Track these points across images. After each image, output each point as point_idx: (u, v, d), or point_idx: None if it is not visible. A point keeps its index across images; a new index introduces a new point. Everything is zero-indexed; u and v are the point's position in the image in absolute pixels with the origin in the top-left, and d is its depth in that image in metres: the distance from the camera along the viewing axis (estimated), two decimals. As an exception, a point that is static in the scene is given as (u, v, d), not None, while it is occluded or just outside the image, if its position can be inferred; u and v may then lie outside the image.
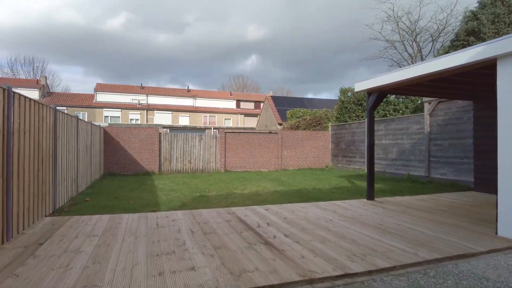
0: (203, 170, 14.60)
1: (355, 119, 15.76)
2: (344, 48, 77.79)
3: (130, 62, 78.71)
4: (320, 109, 26.09)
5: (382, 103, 14.09)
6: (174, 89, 47.43)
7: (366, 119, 14.24)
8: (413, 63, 28.93)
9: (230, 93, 50.25)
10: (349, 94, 16.28)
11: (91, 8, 71.51)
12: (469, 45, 21.97)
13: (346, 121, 16.29)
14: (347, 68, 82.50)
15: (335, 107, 18.16)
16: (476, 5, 15.69)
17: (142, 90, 44.47)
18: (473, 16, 15.56)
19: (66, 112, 9.10)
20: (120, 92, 42.59)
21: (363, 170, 14.26)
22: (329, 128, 17.06)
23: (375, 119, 14.13)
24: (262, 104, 48.44)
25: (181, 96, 44.95)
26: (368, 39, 31.83)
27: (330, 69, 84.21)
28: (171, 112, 42.30)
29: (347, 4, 65.45)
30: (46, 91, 41.05)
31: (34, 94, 37.84)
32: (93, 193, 8.73)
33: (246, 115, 45.98)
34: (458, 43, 26.48)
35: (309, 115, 22.13)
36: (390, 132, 12.92)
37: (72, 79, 77.99)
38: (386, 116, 13.93)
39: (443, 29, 27.18)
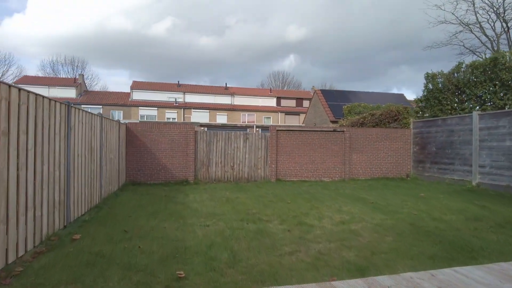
0: (249, 178, 11.38)
1: (452, 113, 11.72)
2: (387, 47, 75.02)
3: (172, 66, 79.35)
4: (382, 103, 22.01)
5: (500, 87, 10.01)
6: (212, 86, 45.13)
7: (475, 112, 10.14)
8: (494, 49, 23.89)
9: (270, 90, 46.99)
10: (440, 79, 12.25)
11: (138, 14, 73.83)
12: None
13: (436, 116, 12.29)
14: (389, 67, 77.88)
15: (415, 99, 14.15)
16: None
17: (179, 88, 42.54)
18: None
19: (101, 111, 6.25)
20: (157, 90, 40.91)
21: (469, 183, 10.27)
22: (411, 125, 13.14)
23: (488, 111, 10.09)
24: (304, 102, 44.77)
25: (218, 94, 42.46)
26: (436, 23, 27.08)
27: (370, 68, 79.83)
28: (208, 110, 39.91)
29: (391, 3, 62.36)
30: (83, 90, 40.33)
31: (71, 92, 37.09)
32: (95, 219, 5.75)
33: (287, 113, 42.49)
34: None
35: (379, 109, 18.20)
36: (522, 130, 8.86)
37: (115, 81, 79.58)
38: (506, 107, 9.83)
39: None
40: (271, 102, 43.99)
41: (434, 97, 12.29)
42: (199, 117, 38.92)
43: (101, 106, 35.99)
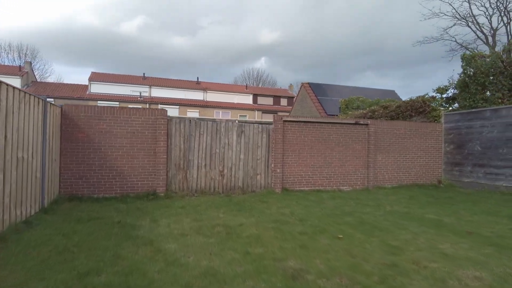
0: (245, 188, 8.10)
1: (504, 102, 9.15)
2: (356, 53, 75.52)
3: (142, 65, 74.01)
4: (382, 98, 19.57)
5: None
6: (182, 80, 41.01)
7: None
8: (490, 44, 22.33)
9: (246, 86, 43.73)
10: (484, 59, 9.67)
11: (109, 11, 68.48)
12: None
13: (478, 106, 9.71)
14: (356, 72, 78.48)
15: (439, 87, 11.59)
16: None
17: (145, 80, 38.12)
18: None
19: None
20: (119, 82, 36.24)
21: (540, 193, 7.70)
22: (442, 119, 10.49)
23: None
24: (282, 100, 42.10)
25: (189, 89, 38.52)
26: (430, 15, 25.33)
27: (339, 73, 79.58)
28: (178, 106, 35.89)
29: (361, 11, 62.67)
30: (31, 80, 34.81)
31: (15, 82, 31.60)
32: None
33: (265, 111, 39.43)
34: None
35: (378, 104, 15.58)
36: None
37: (80, 80, 72.79)
38: None
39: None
40: (247, 99, 40.76)
41: (476, 82, 9.68)
42: (168, 113, 34.84)
43: (52, 100, 30.92)
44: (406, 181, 9.81)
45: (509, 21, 20.97)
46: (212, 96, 39.11)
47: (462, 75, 10.19)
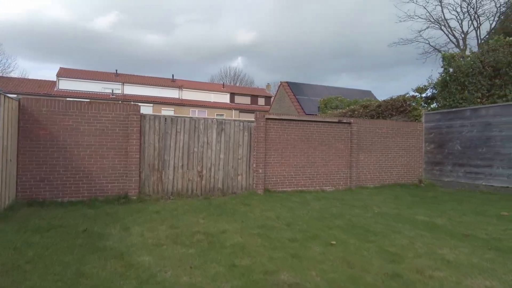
0: (225, 189, 7.62)
1: (483, 102, 9.22)
2: (331, 55, 77.10)
3: (115, 62, 71.32)
4: (360, 98, 19.66)
5: None
6: (156, 78, 39.72)
7: None
8: (460, 47, 23.06)
9: (223, 85, 43.04)
10: (464, 60, 9.72)
11: (79, 6, 65.45)
12: None
13: (458, 105, 9.75)
14: (331, 74, 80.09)
15: (418, 87, 11.62)
16: None
17: (117, 77, 36.60)
18: None
19: None
20: (90, 79, 34.57)
21: (519, 192, 7.76)
22: (422, 118, 10.48)
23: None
24: (259, 99, 41.85)
25: (164, 87, 37.37)
26: (405, 18, 25.86)
27: (314, 75, 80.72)
28: (152, 104, 34.70)
29: (337, 14, 63.97)
30: (-9, 75, 32.51)
31: (-27, 76, 29.33)
32: None
33: (242, 111, 38.98)
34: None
35: (356, 103, 15.57)
36: None
37: (47, 76, 68.82)
38: None
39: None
40: (224, 98, 40.14)
41: (458, 81, 9.70)
42: (141, 111, 33.62)
43: (15, 96, 28.91)
44: (388, 180, 9.70)
45: (478, 25, 21.71)
46: (188, 95, 38.18)
47: (442, 74, 10.21)
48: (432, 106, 11.63)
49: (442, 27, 23.49)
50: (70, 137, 6.43)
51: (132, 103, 7.26)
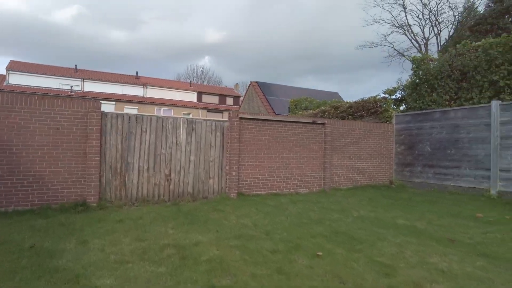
0: (195, 194, 7.11)
1: (451, 104, 9.43)
2: (298, 56, 78.49)
3: (75, 58, 67.28)
4: (328, 99, 19.80)
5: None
6: (119, 74, 37.86)
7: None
8: (422, 52, 24.07)
9: (190, 83, 41.95)
10: (433, 63, 9.92)
11: None
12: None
13: (427, 107, 9.92)
14: (298, 76, 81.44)
15: (388, 89, 11.76)
16: None
17: (76, 73, 34.42)
18: None
19: None
20: (46, 74, 32.19)
21: (485, 191, 7.97)
22: (393, 120, 10.58)
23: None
24: (228, 99, 41.32)
25: (127, 84, 35.70)
26: (371, 22, 26.54)
27: (282, 76, 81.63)
28: (114, 102, 33.00)
29: (305, 16, 65.15)
30: None
31: None
32: None
33: (210, 110, 38.22)
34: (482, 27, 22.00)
35: (325, 104, 15.61)
36: None
37: None
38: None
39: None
40: (192, 97, 39.15)
41: (426, 84, 9.88)
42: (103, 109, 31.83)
43: (-44, 89, 26.19)
44: (360, 182, 9.67)
45: (439, 32, 22.75)
46: (153, 92, 36.80)
47: (413, 77, 10.37)
48: (401, 108, 11.83)
49: (406, 32, 24.40)
50: (17, 137, 5.62)
51: (92, 99, 6.54)
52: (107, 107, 32.35)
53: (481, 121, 8.25)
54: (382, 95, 11.46)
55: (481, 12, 22.12)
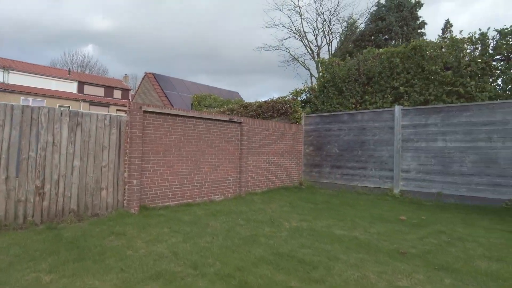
0: (82, 211, 5.32)
1: (357, 107, 9.79)
2: (191, 55, 77.30)
3: None
4: (231, 98, 19.21)
5: (422, 80, 8.56)
6: (-34, 53, 29.63)
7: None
8: (315, 59, 25.89)
9: (69, 71, 35.85)
10: (343, 67, 10.16)
11: None
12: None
13: (335, 110, 10.12)
14: (189, 75, 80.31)
15: (296, 90, 11.75)
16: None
17: None
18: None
19: None
20: None
21: (389, 191, 8.43)
22: (302, 121, 10.49)
23: (415, 106, 8.59)
24: (115, 92, 37.04)
25: (-21, 65, 28.22)
26: (271, 24, 27.17)
27: (174, 73, 79.15)
28: (-42, 88, 25.60)
29: (198, 15, 64.70)
30: None
31: None
32: None
33: (94, 103, 33.38)
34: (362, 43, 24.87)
35: (229, 103, 14.98)
36: (459, 129, 7.56)
37: None
38: (430, 103, 8.48)
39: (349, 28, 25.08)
40: (71, 87, 33.49)
41: (334, 87, 10.06)
42: None
43: None
44: (274, 184, 9.21)
45: (331, 40, 24.73)
46: (18, 79, 30.12)
47: (321, 79, 10.46)
48: (306, 109, 11.94)
49: (302, 38, 25.77)
50: None
51: None
52: None
53: (386, 124, 8.70)
54: (290, 96, 11.33)
55: (362, 29, 25.00)
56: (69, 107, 31.69)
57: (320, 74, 10.55)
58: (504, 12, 42.58)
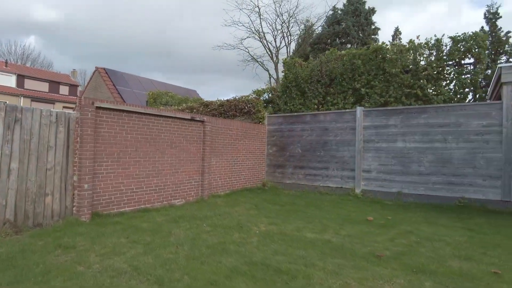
0: (21, 221, 4.60)
1: (320, 108, 9.82)
2: (146, 52, 74.76)
3: None
4: (190, 96, 18.57)
5: (382, 82, 8.77)
6: None
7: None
8: (274, 60, 26.05)
9: (6, 62, 32.47)
10: (306, 68, 10.14)
11: None
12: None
13: (298, 110, 10.08)
14: (142, 71, 77.68)
15: (257, 90, 11.57)
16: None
17: None
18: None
19: None
20: None
21: (351, 190, 8.54)
22: (266, 121, 10.31)
23: (376, 108, 8.79)
24: (62, 87, 34.35)
25: None
26: (230, 23, 26.83)
27: (127, 69, 75.89)
28: None
29: (153, 11, 62.88)
30: None
31: None
32: None
33: (36, 99, 30.61)
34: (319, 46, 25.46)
35: (188, 101, 14.44)
36: (417, 130, 7.85)
37: None
38: (390, 104, 8.71)
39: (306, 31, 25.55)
40: (8, 80, 30.35)
41: (297, 88, 10.01)
42: None
43: None
44: (237, 186, 8.92)
45: (289, 42, 24.98)
46: None
47: (284, 80, 10.36)
48: (268, 109, 11.81)
49: (262, 39, 25.74)
50: None
51: None
52: None
53: (348, 125, 8.80)
54: (253, 95, 11.11)
55: (319, 32, 25.57)
56: (6, 102, 28.68)
57: (283, 74, 10.44)
58: (441, 24, 46.44)
